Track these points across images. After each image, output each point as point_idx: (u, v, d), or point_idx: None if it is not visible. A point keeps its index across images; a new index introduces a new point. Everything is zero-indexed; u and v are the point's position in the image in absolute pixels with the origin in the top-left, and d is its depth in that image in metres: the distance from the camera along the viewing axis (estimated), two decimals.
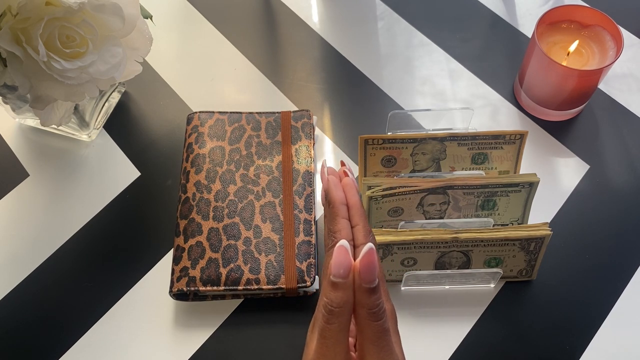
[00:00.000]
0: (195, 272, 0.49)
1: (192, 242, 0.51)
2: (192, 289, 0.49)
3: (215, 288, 0.49)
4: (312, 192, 0.54)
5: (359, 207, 0.36)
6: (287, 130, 0.57)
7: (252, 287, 0.49)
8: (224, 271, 0.49)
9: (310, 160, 0.56)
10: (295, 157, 0.56)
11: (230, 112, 0.59)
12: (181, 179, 0.55)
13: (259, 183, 0.54)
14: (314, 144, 0.57)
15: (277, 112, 0.59)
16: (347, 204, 0.36)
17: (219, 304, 0.51)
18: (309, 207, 0.53)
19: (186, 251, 0.50)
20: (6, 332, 0.51)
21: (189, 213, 0.52)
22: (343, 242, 0.32)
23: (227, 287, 0.49)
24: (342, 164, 0.39)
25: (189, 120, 0.58)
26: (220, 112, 0.58)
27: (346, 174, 0.38)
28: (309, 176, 0.55)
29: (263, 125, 0.58)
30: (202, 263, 0.50)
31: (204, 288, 0.49)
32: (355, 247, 0.34)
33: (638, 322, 0.50)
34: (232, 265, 0.49)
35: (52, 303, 0.52)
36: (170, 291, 0.49)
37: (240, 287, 0.49)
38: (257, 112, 0.59)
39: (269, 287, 0.49)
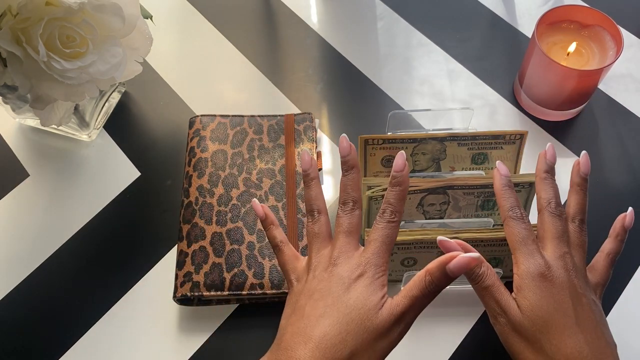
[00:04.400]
0: (199, 277, 0.49)
1: (195, 246, 0.51)
2: (196, 294, 0.48)
3: (219, 293, 0.49)
4: None
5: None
6: (291, 133, 0.57)
7: (256, 292, 0.49)
8: (227, 276, 0.49)
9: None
10: (297, 161, 0.55)
11: (232, 116, 0.58)
12: (184, 183, 0.55)
13: (261, 187, 0.54)
14: (316, 147, 0.57)
15: (279, 115, 0.59)
16: None
17: (217, 306, 0.51)
18: None
19: (189, 256, 0.50)
20: (6, 331, 0.51)
21: (191, 217, 0.52)
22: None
23: (231, 292, 0.49)
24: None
25: (191, 124, 0.58)
26: (222, 116, 0.58)
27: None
28: None
29: (265, 128, 0.58)
30: (206, 268, 0.49)
31: (207, 293, 0.48)
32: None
33: (638, 321, 0.50)
34: (236, 270, 0.49)
35: (51, 303, 0.52)
36: (174, 296, 0.49)
37: (244, 292, 0.49)
38: (258, 115, 0.59)
39: (273, 291, 0.49)
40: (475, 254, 0.36)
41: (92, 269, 0.53)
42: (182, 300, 0.49)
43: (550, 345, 0.37)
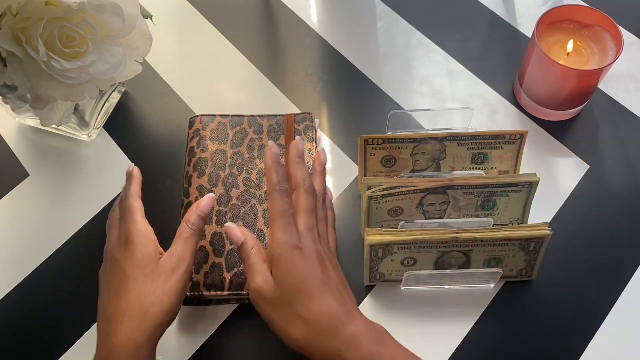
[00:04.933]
0: (199, 277, 0.49)
1: None
2: (196, 294, 0.48)
3: (219, 293, 0.49)
4: None
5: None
6: (291, 133, 0.57)
7: None
8: (227, 276, 0.49)
9: None
10: None
11: (232, 116, 0.58)
12: (184, 183, 0.55)
13: (261, 187, 0.54)
14: (316, 147, 0.57)
15: (279, 115, 0.59)
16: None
17: (217, 306, 0.51)
18: None
19: None
20: (6, 331, 0.51)
21: None
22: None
23: (231, 292, 0.49)
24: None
25: (191, 124, 0.58)
26: (222, 116, 0.58)
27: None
28: None
29: (265, 128, 0.58)
30: (206, 268, 0.49)
31: (207, 293, 0.48)
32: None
33: (638, 321, 0.50)
34: (235, 270, 0.49)
35: (52, 303, 0.52)
36: None
37: (244, 292, 0.49)
38: (259, 115, 0.58)
39: None
40: (210, 195, 0.47)
41: (92, 269, 0.53)
42: None
43: (302, 309, 0.40)
